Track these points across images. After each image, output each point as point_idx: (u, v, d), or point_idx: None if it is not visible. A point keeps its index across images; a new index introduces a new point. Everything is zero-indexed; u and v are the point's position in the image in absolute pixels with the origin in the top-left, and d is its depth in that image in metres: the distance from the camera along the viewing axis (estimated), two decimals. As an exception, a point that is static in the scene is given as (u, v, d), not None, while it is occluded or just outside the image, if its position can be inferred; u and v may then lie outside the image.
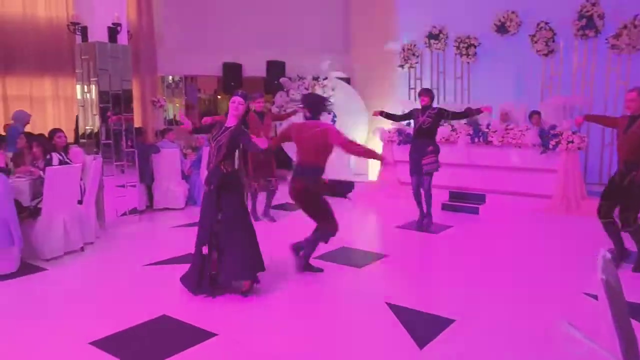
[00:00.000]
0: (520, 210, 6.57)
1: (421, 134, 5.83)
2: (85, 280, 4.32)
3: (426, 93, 5.85)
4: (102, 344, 3.00)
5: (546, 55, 8.28)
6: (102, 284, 4.14)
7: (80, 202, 5.19)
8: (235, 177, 3.82)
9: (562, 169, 6.42)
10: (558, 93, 8.03)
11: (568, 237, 5.55)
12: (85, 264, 4.74)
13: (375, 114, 6.15)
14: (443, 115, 5.79)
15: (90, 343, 3.00)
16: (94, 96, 5.91)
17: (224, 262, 3.68)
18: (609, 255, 1.68)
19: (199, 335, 3.11)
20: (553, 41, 8.15)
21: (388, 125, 8.25)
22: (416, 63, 9.93)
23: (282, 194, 8.71)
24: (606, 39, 7.58)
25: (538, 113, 7.43)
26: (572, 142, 6.33)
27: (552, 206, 6.46)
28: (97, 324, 3.27)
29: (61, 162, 5.01)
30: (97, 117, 5.95)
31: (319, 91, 10.19)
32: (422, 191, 5.91)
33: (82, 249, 5.03)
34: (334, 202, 4.28)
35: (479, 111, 5.79)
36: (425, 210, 5.98)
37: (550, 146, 6.51)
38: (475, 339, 3.06)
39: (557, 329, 1.14)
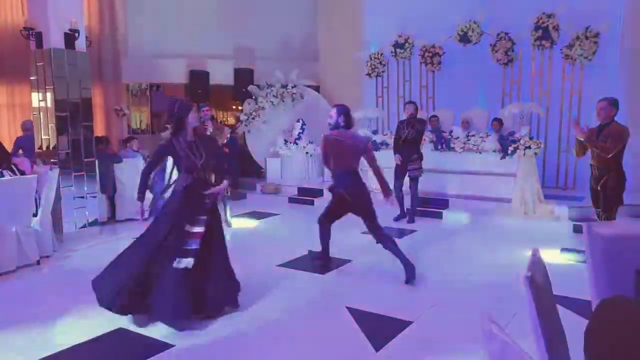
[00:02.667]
0: (481, 214, 6.72)
1: (406, 143, 6.47)
2: (38, 295, 4.17)
3: (412, 105, 6.55)
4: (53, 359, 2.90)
5: (506, 64, 8.54)
6: (57, 298, 4.01)
7: (35, 214, 5.03)
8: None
9: (520, 174, 6.61)
10: (517, 101, 8.28)
11: (524, 239, 5.70)
12: (40, 277, 4.59)
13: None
14: (425, 125, 6.54)
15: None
16: (50, 104, 5.75)
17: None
18: (538, 254, 1.74)
19: (155, 346, 3.04)
20: (512, 51, 8.42)
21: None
22: (383, 72, 10.08)
23: (252, 202, 8.71)
24: (560, 50, 7.87)
25: (498, 120, 7.64)
26: (530, 147, 6.53)
27: (510, 209, 6.63)
28: (49, 339, 3.17)
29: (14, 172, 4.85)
30: (53, 127, 5.79)
31: (287, 99, 10.23)
32: (403, 193, 6.61)
33: (38, 262, 4.87)
34: (301, 210, 4.29)
35: None
36: (410, 207, 6.63)
37: (509, 151, 6.69)
38: (430, 340, 3.10)
39: (481, 325, 1.18)
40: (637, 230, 2.10)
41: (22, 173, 5.00)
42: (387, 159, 6.89)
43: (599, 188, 4.56)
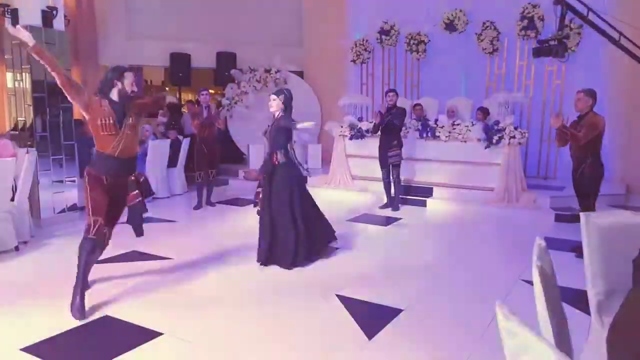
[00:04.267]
0: (464, 202, 6.79)
1: (387, 131, 6.49)
2: (18, 281, 4.04)
3: (395, 93, 6.54)
4: (35, 349, 2.81)
5: (491, 53, 8.58)
6: (38, 284, 3.89)
7: (12, 198, 4.85)
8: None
9: (504, 163, 6.69)
10: (501, 90, 8.35)
11: (508, 228, 5.80)
12: (19, 264, 4.44)
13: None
14: (405, 114, 6.55)
15: (22, 349, 2.80)
16: (26, 85, 5.52)
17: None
18: (543, 244, 1.74)
19: (144, 334, 2.98)
20: (498, 40, 8.46)
21: (340, 119, 8.31)
22: (368, 58, 10.01)
23: (235, 189, 8.61)
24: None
25: (483, 110, 7.69)
26: (514, 137, 6.60)
27: (494, 198, 6.71)
28: (31, 328, 3.07)
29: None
30: (31, 108, 5.57)
31: (271, 84, 10.08)
32: (390, 180, 6.69)
33: (16, 248, 4.71)
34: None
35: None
36: (393, 195, 6.72)
37: (494, 141, 6.75)
38: (422, 326, 3.12)
39: (495, 319, 1.16)
40: (633, 220, 2.12)
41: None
42: (373, 149, 6.87)
43: (577, 177, 4.69)
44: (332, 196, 7.42)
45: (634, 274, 1.88)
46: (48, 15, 5.51)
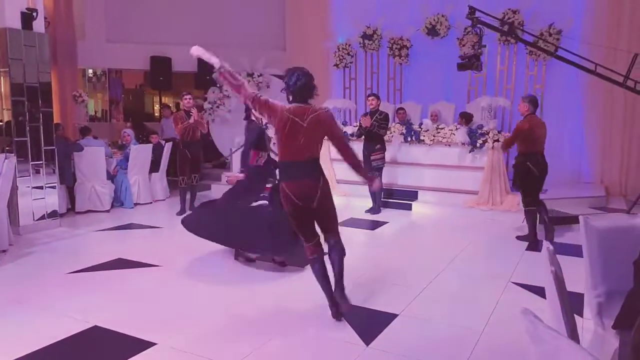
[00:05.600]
0: (449, 205, 6.86)
1: (370, 135, 6.56)
2: (1, 292, 3.88)
3: (375, 97, 6.64)
4: (22, 363, 2.70)
5: (472, 58, 8.69)
6: (22, 295, 3.74)
7: (-10, 205, 4.68)
8: None
9: (487, 166, 6.78)
10: (483, 94, 8.48)
11: (493, 230, 5.87)
12: (1, 273, 4.27)
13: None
14: (388, 120, 6.59)
15: (8, 363, 2.69)
16: (4, 88, 5.34)
17: None
18: (552, 247, 1.76)
19: (136, 345, 2.89)
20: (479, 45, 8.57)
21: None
22: (351, 63, 10.04)
23: (217, 194, 8.48)
24: (525, 46, 8.09)
25: (466, 115, 7.76)
26: (498, 140, 6.70)
27: (478, 201, 6.80)
28: (16, 341, 2.94)
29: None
30: (9, 112, 5.39)
31: (254, 87, 10.01)
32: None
33: (-5, 257, 4.55)
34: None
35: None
36: (376, 201, 6.77)
37: (478, 145, 6.84)
38: (419, 331, 3.12)
39: (521, 324, 1.16)
40: (631, 223, 2.17)
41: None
42: (357, 153, 6.89)
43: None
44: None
45: (635, 275, 1.92)
46: (28, 17, 5.35)
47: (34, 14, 5.40)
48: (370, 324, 3.23)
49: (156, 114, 12.69)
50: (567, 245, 4.93)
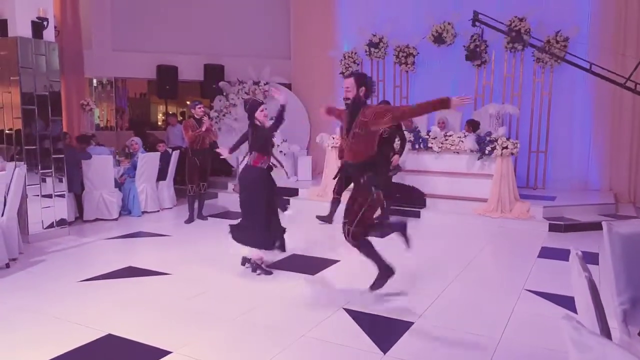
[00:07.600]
0: (458, 213, 6.82)
1: (380, 144, 6.33)
2: (13, 300, 3.85)
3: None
4: (37, 372, 2.68)
5: (479, 66, 8.72)
6: (34, 303, 3.72)
7: (1, 214, 4.68)
8: None
9: (496, 174, 6.75)
10: (490, 102, 8.47)
11: (504, 238, 5.83)
12: (13, 282, 4.26)
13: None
14: (400, 127, 6.52)
15: (23, 372, 2.67)
16: (15, 96, 5.36)
17: None
18: (580, 253, 1.73)
19: (151, 353, 2.87)
20: (485, 52, 8.60)
21: (330, 131, 8.31)
22: (357, 71, 10.06)
23: (224, 202, 8.48)
24: (532, 52, 8.11)
25: (473, 123, 7.74)
26: (507, 147, 6.68)
27: (487, 209, 6.76)
28: (30, 350, 2.92)
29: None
30: (19, 121, 5.40)
31: (259, 96, 10.04)
32: None
33: (7, 265, 4.53)
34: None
35: None
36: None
37: (487, 152, 6.82)
38: (436, 340, 3.08)
39: (562, 331, 1.13)
40: (656, 229, 2.14)
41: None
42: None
43: None
44: (325, 208, 7.36)
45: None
46: (38, 26, 5.38)
47: (45, 23, 5.44)
48: (386, 332, 3.20)
49: (159, 123, 12.75)
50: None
